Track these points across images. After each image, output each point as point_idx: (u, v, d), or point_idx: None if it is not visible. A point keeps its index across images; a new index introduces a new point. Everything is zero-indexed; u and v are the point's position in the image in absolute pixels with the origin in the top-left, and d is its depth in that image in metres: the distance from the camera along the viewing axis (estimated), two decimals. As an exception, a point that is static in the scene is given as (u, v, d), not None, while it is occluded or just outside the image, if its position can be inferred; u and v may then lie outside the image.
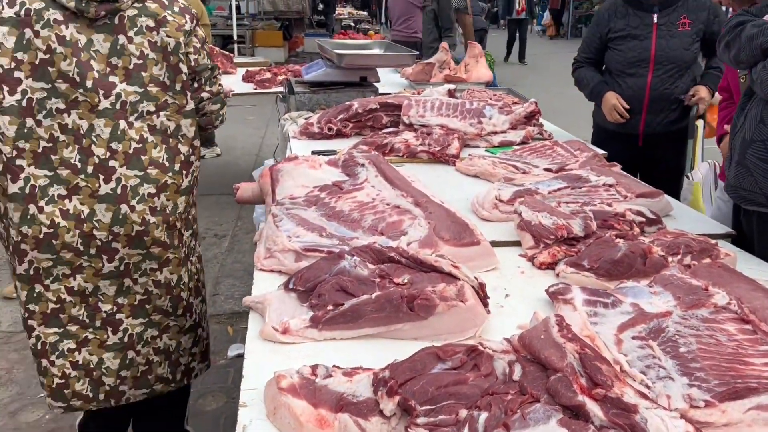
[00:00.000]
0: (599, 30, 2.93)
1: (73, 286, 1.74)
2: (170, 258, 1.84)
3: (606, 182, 1.98)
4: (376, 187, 1.90)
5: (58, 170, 1.67)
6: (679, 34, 2.71)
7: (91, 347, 1.81)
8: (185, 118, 1.81)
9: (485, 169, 2.28)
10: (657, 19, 2.74)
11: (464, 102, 2.81)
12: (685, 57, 2.72)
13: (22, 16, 1.60)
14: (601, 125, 3.04)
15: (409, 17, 7.10)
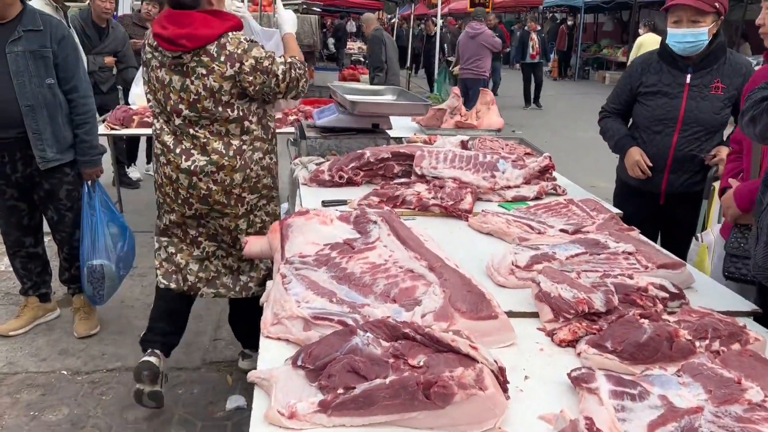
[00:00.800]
0: (631, 82, 2.89)
1: (171, 218, 2.68)
2: (228, 212, 2.60)
3: (625, 250, 1.92)
4: (389, 246, 1.84)
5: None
6: (711, 98, 2.67)
7: (182, 255, 2.73)
8: (230, 123, 2.51)
9: (499, 228, 2.22)
10: (690, 80, 2.70)
11: (477, 155, 2.77)
12: (714, 121, 2.69)
13: (143, 60, 2.57)
14: (623, 180, 3.00)
15: (479, 58, 8.54)
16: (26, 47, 2.81)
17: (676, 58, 2.74)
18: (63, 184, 3.05)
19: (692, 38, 2.63)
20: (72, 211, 3.10)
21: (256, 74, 2.41)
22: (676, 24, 2.68)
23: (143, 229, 4.89)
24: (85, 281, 3.06)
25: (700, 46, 2.65)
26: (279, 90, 2.48)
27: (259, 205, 2.67)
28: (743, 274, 2.23)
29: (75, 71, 2.96)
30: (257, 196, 2.64)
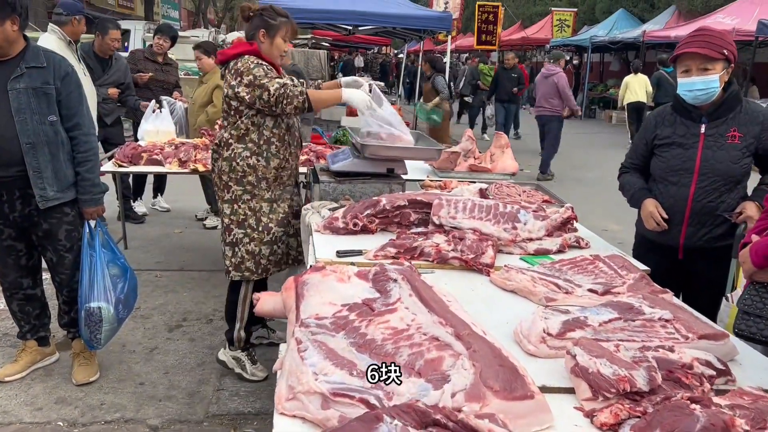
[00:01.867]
0: (646, 136, 2.81)
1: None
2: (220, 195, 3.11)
3: (662, 317, 1.79)
4: (411, 309, 1.72)
5: None
6: (727, 147, 2.57)
7: (255, 243, 3.08)
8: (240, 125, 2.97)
9: (524, 287, 2.11)
10: (705, 130, 2.61)
11: (497, 204, 2.67)
12: (733, 171, 2.57)
13: None
14: (641, 233, 2.88)
15: (552, 96, 9.11)
16: (29, 84, 2.74)
17: (690, 109, 2.65)
18: (63, 224, 2.95)
19: (703, 86, 2.54)
20: (72, 252, 2.99)
21: (252, 88, 2.84)
22: (685, 73, 2.59)
23: (147, 266, 4.80)
24: (82, 325, 2.93)
25: (711, 94, 2.56)
26: (271, 103, 2.83)
27: (243, 198, 3.02)
28: (753, 332, 2.12)
29: (78, 108, 2.89)
30: (242, 189, 3.01)
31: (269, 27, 2.94)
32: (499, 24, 18.84)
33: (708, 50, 2.50)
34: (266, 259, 3.10)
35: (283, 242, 3.16)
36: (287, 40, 3.01)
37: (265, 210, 3.06)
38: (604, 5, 21.03)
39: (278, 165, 3.02)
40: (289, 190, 3.16)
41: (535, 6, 27.71)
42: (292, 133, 3.08)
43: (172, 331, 3.76)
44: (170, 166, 4.36)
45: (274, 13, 2.99)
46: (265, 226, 3.06)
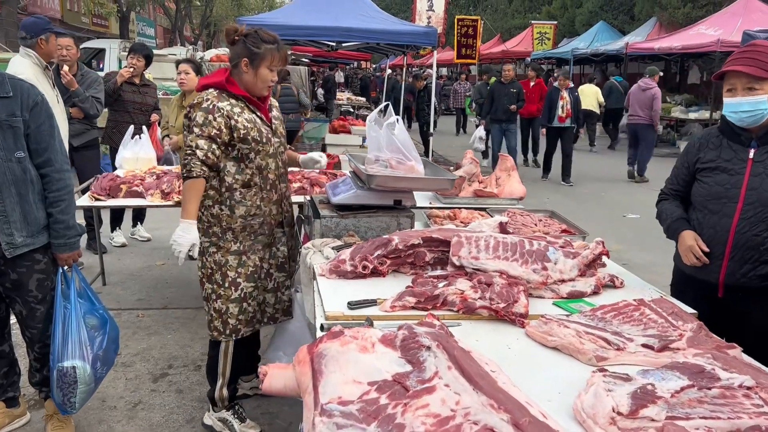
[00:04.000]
0: (688, 159, 2.55)
1: None
2: None
3: (743, 383, 1.53)
4: (452, 387, 1.43)
5: None
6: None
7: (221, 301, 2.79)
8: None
9: (570, 344, 1.83)
10: (753, 155, 2.36)
11: (523, 241, 2.40)
12: None
13: None
14: (678, 267, 2.62)
15: (647, 108, 10.08)
16: None
17: (738, 132, 2.41)
18: (33, 272, 2.61)
19: (749, 107, 2.31)
20: (44, 304, 2.65)
21: (185, 130, 2.66)
22: (730, 93, 2.36)
23: (128, 305, 4.46)
24: (55, 386, 2.58)
25: (760, 117, 2.31)
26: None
27: (210, 251, 2.77)
28: None
29: (49, 142, 2.56)
30: (208, 240, 2.76)
31: (252, 56, 2.65)
32: (478, 38, 18.79)
33: (754, 68, 2.26)
34: (235, 318, 2.79)
35: (254, 299, 2.84)
36: (274, 69, 2.70)
37: (232, 264, 2.76)
38: (583, 18, 21.11)
39: (245, 213, 2.73)
40: (262, 240, 2.82)
41: (513, 19, 27.83)
42: (265, 175, 2.76)
43: (157, 381, 3.41)
44: (152, 198, 4.02)
45: (259, 39, 2.68)
46: (232, 282, 2.77)
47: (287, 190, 2.95)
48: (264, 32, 2.73)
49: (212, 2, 27.71)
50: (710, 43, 12.34)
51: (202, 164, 2.59)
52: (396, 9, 35.67)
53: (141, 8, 24.37)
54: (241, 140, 2.64)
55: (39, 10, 19.53)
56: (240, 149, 2.66)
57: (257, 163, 2.72)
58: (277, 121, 2.88)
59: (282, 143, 2.87)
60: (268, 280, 2.89)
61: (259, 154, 2.71)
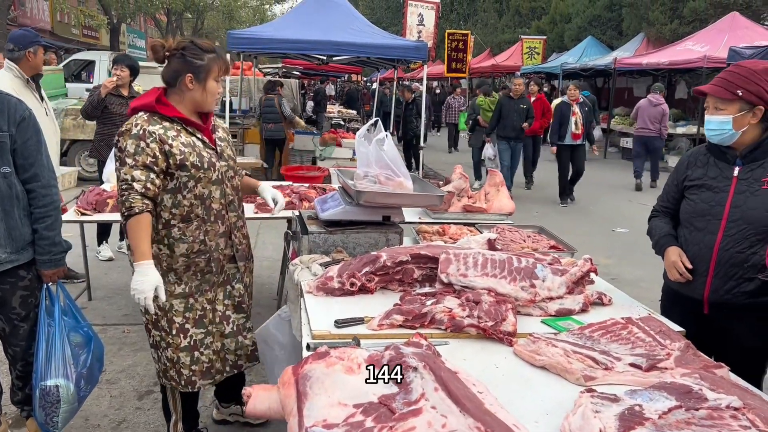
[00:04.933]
0: (677, 177, 2.59)
1: None
2: None
3: (731, 404, 1.52)
4: (439, 409, 1.42)
5: None
6: (763, 193, 2.33)
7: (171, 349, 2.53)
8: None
9: (558, 362, 1.82)
10: (738, 173, 2.39)
11: (511, 258, 2.39)
12: (767, 221, 2.33)
13: None
14: (666, 284, 2.64)
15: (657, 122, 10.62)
16: None
17: (723, 150, 2.45)
18: (17, 289, 2.57)
19: (715, 126, 2.40)
20: (27, 321, 2.61)
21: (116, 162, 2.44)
22: (705, 111, 2.49)
23: (114, 321, 4.41)
24: (37, 405, 2.53)
25: (724, 136, 2.38)
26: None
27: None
28: None
29: (36, 157, 2.53)
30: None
31: (197, 70, 2.40)
32: (468, 52, 18.93)
33: (720, 89, 2.36)
34: (188, 369, 2.55)
35: (208, 347, 2.59)
36: (220, 81, 2.48)
37: (177, 308, 2.51)
38: (572, 33, 21.29)
39: (187, 251, 2.46)
40: (211, 279, 2.55)
41: (503, 34, 28.03)
42: (208, 205, 2.48)
43: (142, 399, 3.36)
44: (139, 212, 3.98)
45: (200, 50, 2.43)
46: (180, 329, 2.52)
47: (239, 220, 2.65)
48: (201, 42, 2.49)
49: (203, 15, 27.77)
50: (697, 59, 12.47)
51: (142, 198, 2.32)
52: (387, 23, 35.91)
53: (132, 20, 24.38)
54: (179, 167, 2.38)
55: (29, 22, 19.49)
56: (178, 177, 2.39)
57: (198, 192, 2.44)
58: (224, 142, 2.60)
59: (231, 167, 2.58)
60: (225, 324, 2.64)
61: (201, 181, 2.43)
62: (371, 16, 33.71)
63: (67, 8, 20.26)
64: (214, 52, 2.45)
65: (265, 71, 18.13)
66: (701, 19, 15.30)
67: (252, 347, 2.74)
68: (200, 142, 2.48)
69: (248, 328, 2.73)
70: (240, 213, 2.68)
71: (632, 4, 17.71)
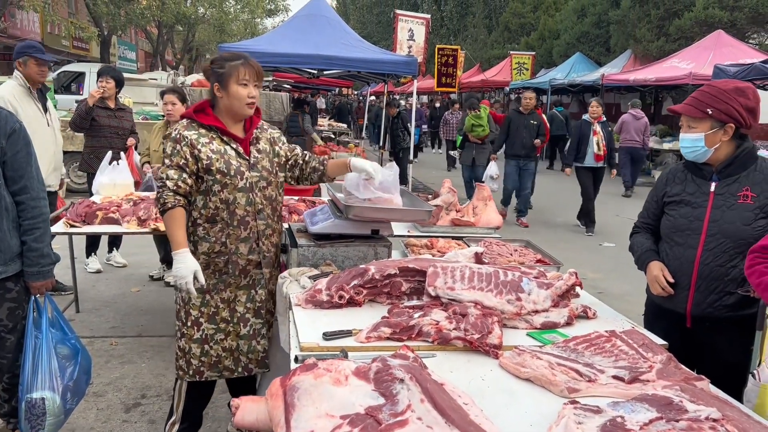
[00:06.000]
0: (656, 194, 2.66)
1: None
2: None
3: (710, 416, 1.55)
4: (425, 420, 1.44)
5: None
6: (738, 207, 2.40)
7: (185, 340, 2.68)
8: None
9: (542, 375, 1.85)
10: (714, 188, 2.45)
11: (498, 272, 2.43)
12: (744, 233, 2.38)
13: None
14: (650, 297, 2.69)
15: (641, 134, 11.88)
16: None
17: (700, 167, 2.52)
18: (5, 301, 2.57)
19: (688, 144, 2.49)
20: (14, 333, 2.60)
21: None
22: (681, 128, 2.56)
23: (101, 333, 4.40)
24: (23, 418, 2.53)
25: (697, 153, 2.47)
26: None
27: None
28: None
29: (26, 169, 2.55)
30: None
31: (220, 78, 2.58)
32: (458, 67, 19.08)
33: (690, 108, 2.46)
34: (198, 359, 2.67)
35: (218, 343, 2.69)
36: (249, 83, 2.57)
37: (195, 302, 2.64)
38: (561, 49, 21.55)
39: (208, 250, 2.61)
40: (227, 280, 2.66)
41: (493, 49, 28.31)
42: (232, 210, 2.59)
43: (129, 412, 3.35)
44: (128, 225, 3.99)
45: (222, 60, 2.63)
46: (194, 321, 2.65)
47: (268, 228, 2.71)
48: (228, 54, 2.66)
49: (194, 27, 27.83)
50: (683, 75, 12.67)
51: (174, 194, 2.52)
52: (377, 37, 36.17)
53: (122, 32, 24.40)
54: (206, 171, 2.55)
55: (19, 33, 19.47)
56: (207, 181, 2.57)
57: (223, 197, 2.58)
58: (262, 154, 2.70)
59: (264, 178, 2.66)
60: (241, 326, 2.71)
61: (227, 187, 2.57)
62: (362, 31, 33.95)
63: (57, 20, 20.25)
64: (236, 60, 2.58)
65: (255, 84, 18.15)
66: (687, 37, 15.55)
67: (263, 354, 2.79)
68: (233, 151, 2.61)
69: (263, 334, 2.77)
70: (271, 222, 2.73)
71: (620, 21, 17.97)
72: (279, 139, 2.83)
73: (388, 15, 37.71)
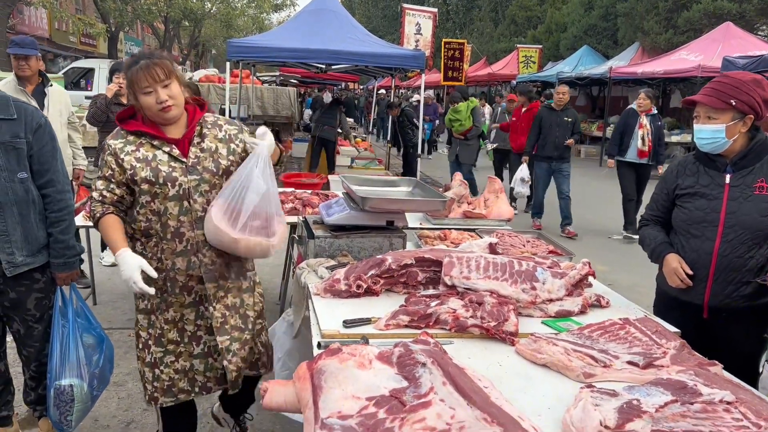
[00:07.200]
0: (667, 186, 2.67)
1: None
2: None
3: (724, 398, 1.61)
4: (447, 401, 1.50)
5: None
6: (755, 198, 2.43)
7: (140, 362, 2.54)
8: None
9: (558, 361, 1.90)
10: (730, 180, 2.47)
11: (512, 262, 2.48)
12: (762, 224, 2.41)
13: None
14: (662, 289, 2.71)
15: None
16: None
17: (713, 158, 2.53)
18: (32, 291, 2.64)
19: (707, 135, 2.47)
20: (42, 323, 2.68)
21: None
22: (695, 119, 2.54)
23: (118, 325, 4.47)
24: (51, 404, 2.60)
25: (717, 144, 2.46)
26: None
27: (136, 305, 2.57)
28: None
29: (52, 163, 2.62)
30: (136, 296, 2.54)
31: (127, 88, 2.33)
32: (465, 61, 19.09)
33: (713, 99, 2.43)
34: (151, 384, 2.49)
35: (169, 366, 2.46)
36: (149, 92, 2.26)
37: (142, 323, 2.48)
38: (568, 42, 21.50)
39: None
40: (168, 299, 2.42)
41: (499, 43, 28.25)
42: (164, 222, 2.33)
43: (149, 401, 3.42)
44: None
45: (126, 65, 2.35)
46: (144, 344, 2.49)
47: None
48: (130, 58, 2.39)
49: (201, 23, 27.91)
50: (691, 68, 12.65)
51: (101, 204, 2.33)
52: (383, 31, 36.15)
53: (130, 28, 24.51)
54: (132, 181, 2.32)
55: (27, 29, 19.59)
56: (136, 192, 2.34)
57: (154, 208, 2.33)
58: (205, 153, 2.40)
59: (205, 180, 2.37)
60: (194, 345, 2.48)
61: (157, 197, 2.31)
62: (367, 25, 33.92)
63: (65, 16, 20.36)
64: (132, 64, 2.28)
65: (263, 79, 18.24)
66: (695, 29, 15.51)
67: (222, 371, 2.53)
68: (166, 155, 2.33)
69: (228, 348, 2.48)
70: None
71: (627, 13, 17.92)
72: (237, 136, 2.50)
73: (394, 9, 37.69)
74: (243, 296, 2.57)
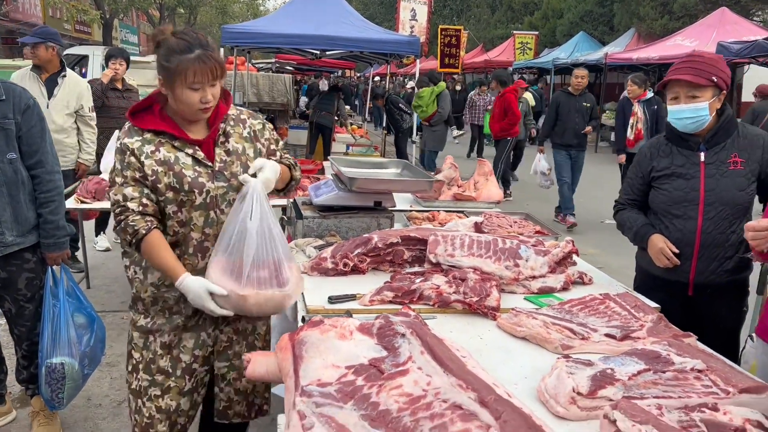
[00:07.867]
0: (641, 170, 2.67)
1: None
2: None
3: (695, 367, 1.65)
4: (425, 369, 1.54)
5: None
6: (731, 174, 2.46)
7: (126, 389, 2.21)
8: None
9: (537, 333, 1.95)
10: (704, 158, 2.50)
11: (497, 240, 2.51)
12: (740, 198, 2.45)
13: None
14: (645, 270, 2.72)
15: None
16: None
17: (685, 137, 2.55)
18: (23, 271, 2.68)
19: (690, 114, 2.46)
20: (33, 302, 2.72)
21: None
22: (674, 100, 2.51)
23: (112, 308, 4.51)
24: (43, 382, 2.65)
25: (701, 122, 2.47)
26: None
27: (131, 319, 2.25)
28: None
29: (40, 144, 2.64)
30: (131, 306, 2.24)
31: (164, 72, 1.94)
32: (462, 47, 19.02)
33: (695, 77, 2.42)
34: (133, 415, 2.17)
35: (153, 401, 2.10)
36: (202, 87, 1.93)
37: (137, 342, 2.13)
38: (564, 28, 21.46)
39: (158, 281, 2.07)
40: (177, 321, 2.10)
41: (496, 29, 28.18)
42: (186, 233, 2.05)
43: (141, 380, 3.47)
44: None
45: (169, 50, 1.92)
46: (134, 366, 2.14)
47: None
48: (180, 36, 1.95)
49: (196, 10, 27.76)
50: (686, 54, 12.64)
51: (143, 217, 1.96)
52: (380, 18, 35.93)
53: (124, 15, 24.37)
54: (153, 189, 1.99)
55: (21, 17, 19.48)
56: (161, 201, 2.02)
57: (181, 218, 2.03)
58: (232, 156, 2.08)
59: (233, 188, 2.06)
60: (186, 379, 2.13)
61: (184, 206, 2.01)
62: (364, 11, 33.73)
63: (59, 3, 20.24)
64: (186, 53, 1.90)
65: (259, 66, 18.18)
66: (691, 15, 15.50)
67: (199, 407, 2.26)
68: (189, 157, 2.02)
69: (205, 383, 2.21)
70: None
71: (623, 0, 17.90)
72: (262, 132, 2.20)
73: (391, -5, 37.47)
74: (257, 323, 2.29)
